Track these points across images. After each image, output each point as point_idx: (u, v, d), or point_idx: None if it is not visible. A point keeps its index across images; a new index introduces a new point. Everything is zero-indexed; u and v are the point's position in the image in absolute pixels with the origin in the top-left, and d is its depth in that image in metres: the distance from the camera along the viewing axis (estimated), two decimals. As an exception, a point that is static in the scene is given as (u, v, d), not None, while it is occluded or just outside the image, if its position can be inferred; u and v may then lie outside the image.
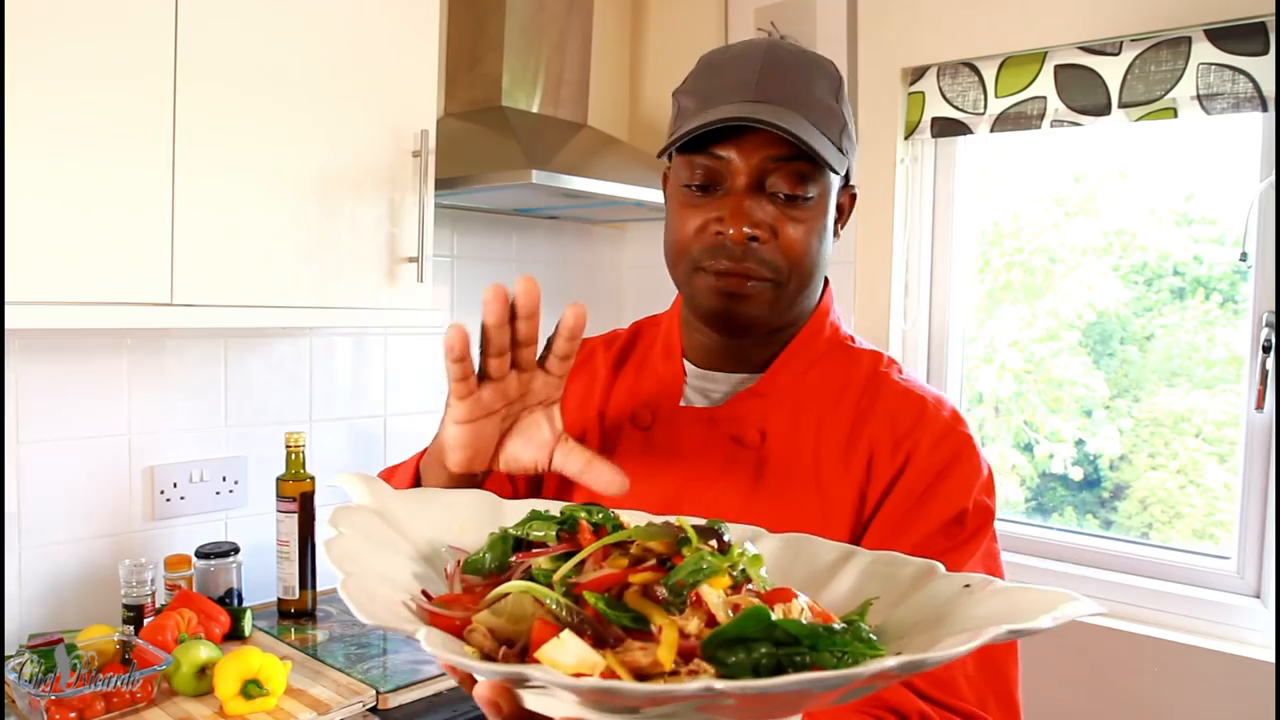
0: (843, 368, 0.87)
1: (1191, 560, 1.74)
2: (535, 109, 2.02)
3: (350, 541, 0.54)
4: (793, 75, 0.79)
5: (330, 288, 1.55)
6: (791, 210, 0.80)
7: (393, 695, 1.44)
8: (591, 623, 0.46)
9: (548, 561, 0.53)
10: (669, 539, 0.51)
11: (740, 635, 0.44)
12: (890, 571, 0.58)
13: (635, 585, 0.49)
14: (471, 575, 0.56)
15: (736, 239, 0.78)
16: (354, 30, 1.55)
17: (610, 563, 0.51)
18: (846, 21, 2.02)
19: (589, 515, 0.56)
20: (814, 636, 0.44)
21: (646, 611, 0.47)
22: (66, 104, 1.24)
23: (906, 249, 2.03)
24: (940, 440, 0.82)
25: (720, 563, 0.49)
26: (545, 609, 0.48)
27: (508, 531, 0.58)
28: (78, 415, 1.60)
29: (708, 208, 0.80)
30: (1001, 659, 0.78)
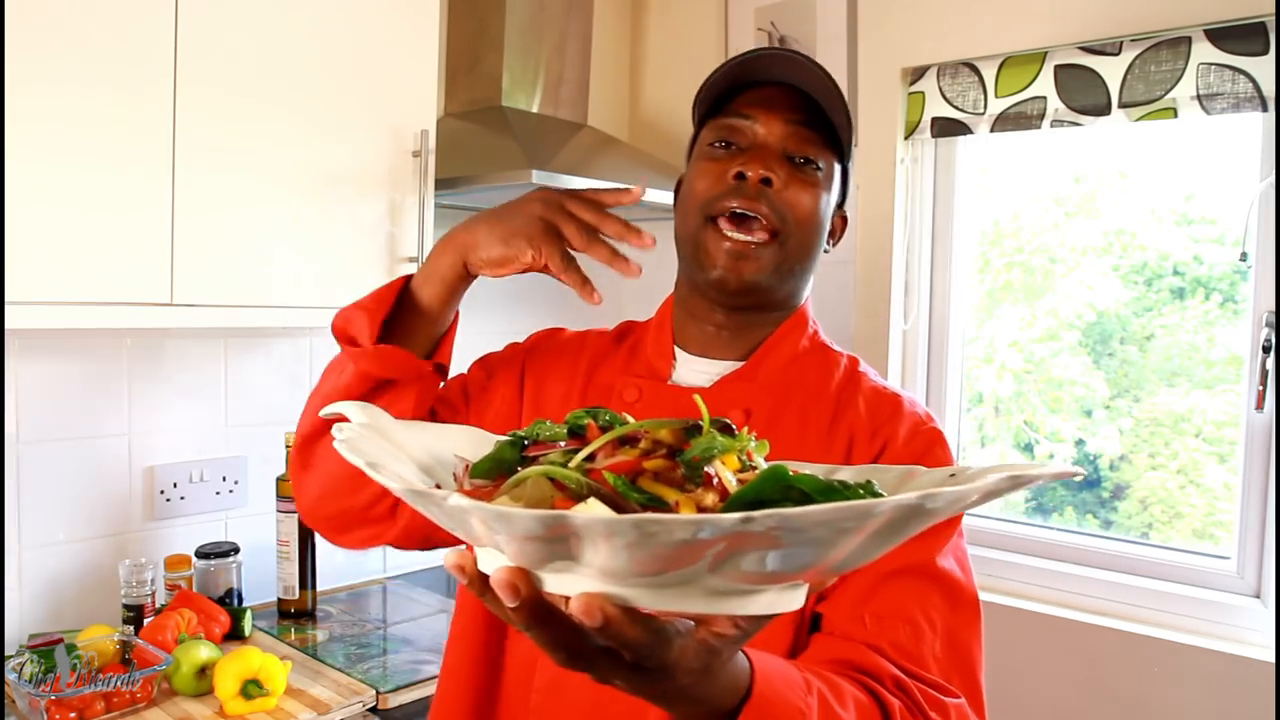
0: (823, 365, 0.92)
1: (1191, 560, 1.74)
2: (535, 109, 2.02)
3: (362, 442, 0.55)
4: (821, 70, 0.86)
5: (330, 288, 1.55)
6: (801, 174, 0.85)
7: (393, 695, 1.45)
8: (611, 498, 0.47)
9: (559, 455, 0.53)
10: (678, 429, 0.52)
11: (759, 497, 0.45)
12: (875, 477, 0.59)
13: (648, 471, 0.49)
14: (480, 478, 0.56)
15: (752, 180, 0.83)
16: (354, 31, 1.55)
17: (622, 454, 0.52)
18: (846, 21, 2.02)
19: (595, 418, 0.57)
20: (830, 492, 0.45)
21: (661, 493, 0.48)
22: (66, 104, 1.24)
23: (906, 249, 2.03)
24: (914, 433, 0.86)
25: (732, 443, 0.51)
26: (565, 490, 0.48)
27: (516, 434, 0.57)
28: (78, 415, 1.60)
29: (729, 162, 0.86)
30: (966, 642, 0.81)
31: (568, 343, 1.02)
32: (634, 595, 0.45)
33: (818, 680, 0.67)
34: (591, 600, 0.44)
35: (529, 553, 0.45)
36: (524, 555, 0.45)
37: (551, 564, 0.45)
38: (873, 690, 0.71)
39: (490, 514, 0.42)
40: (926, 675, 0.76)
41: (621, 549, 0.41)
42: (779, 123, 0.85)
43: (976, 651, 0.82)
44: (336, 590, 1.93)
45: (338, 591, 1.93)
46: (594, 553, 0.42)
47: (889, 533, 0.44)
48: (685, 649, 0.50)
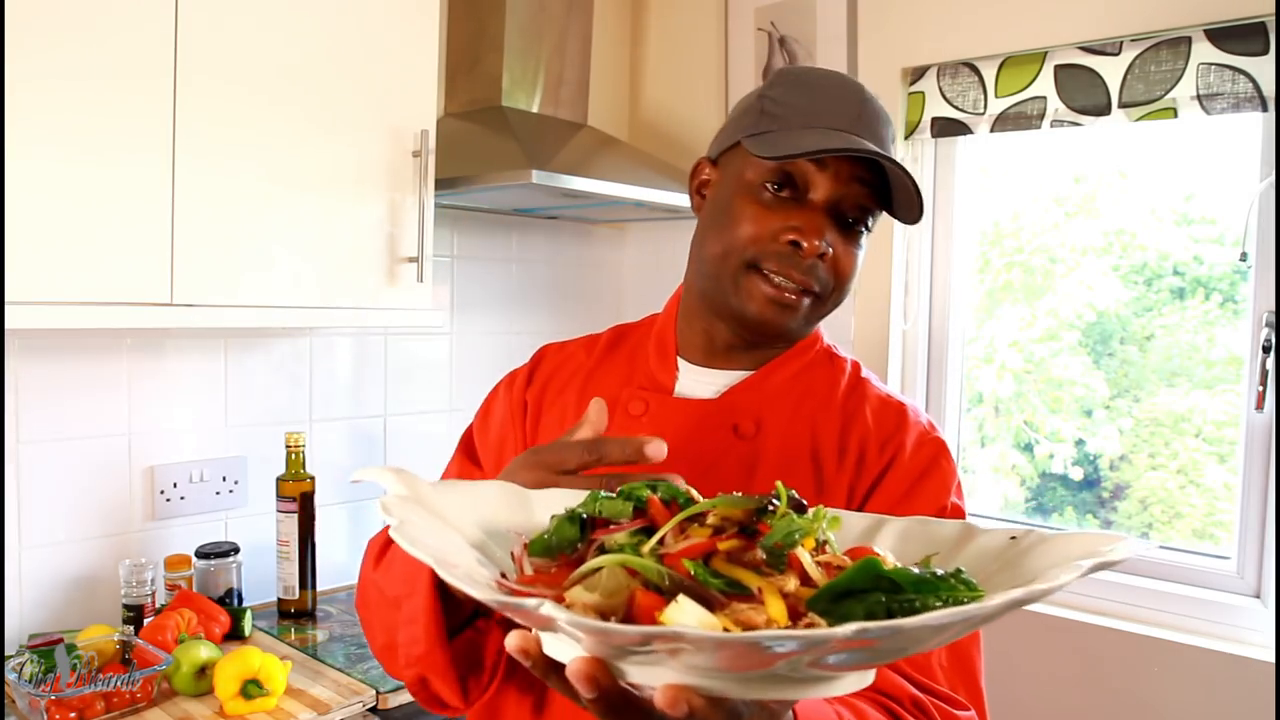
0: (830, 373, 0.92)
1: (1191, 560, 1.74)
2: (535, 109, 2.02)
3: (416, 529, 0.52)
4: (883, 124, 0.84)
5: (330, 288, 1.55)
6: (851, 235, 0.84)
7: (392, 695, 1.45)
8: (693, 588, 0.46)
9: (625, 537, 0.52)
10: (749, 508, 0.52)
11: (850, 588, 0.45)
12: (927, 533, 0.59)
13: (722, 552, 0.49)
14: (538, 557, 0.55)
15: (811, 252, 0.81)
16: (354, 30, 1.55)
17: (692, 533, 0.51)
18: (846, 21, 2.02)
19: (655, 490, 0.56)
20: (920, 583, 0.45)
21: (740, 576, 0.48)
22: (66, 105, 1.24)
23: (906, 249, 2.03)
24: (921, 444, 0.87)
25: (810, 524, 0.51)
26: (641, 579, 0.47)
27: (575, 511, 0.56)
28: (78, 415, 1.60)
29: (783, 213, 0.82)
30: (968, 649, 0.82)
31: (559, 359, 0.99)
32: (720, 687, 0.45)
33: (846, 710, 0.68)
34: (679, 694, 0.44)
35: (612, 650, 0.44)
36: (605, 650, 0.45)
37: (634, 658, 0.45)
38: (894, 712, 0.73)
39: (592, 629, 0.41)
40: (939, 689, 0.77)
41: (727, 658, 0.41)
42: (844, 178, 0.81)
43: (977, 656, 0.83)
44: (336, 590, 1.93)
45: (338, 591, 1.93)
46: (693, 658, 0.42)
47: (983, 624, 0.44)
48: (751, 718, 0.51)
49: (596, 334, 1.03)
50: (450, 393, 2.15)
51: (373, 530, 2.19)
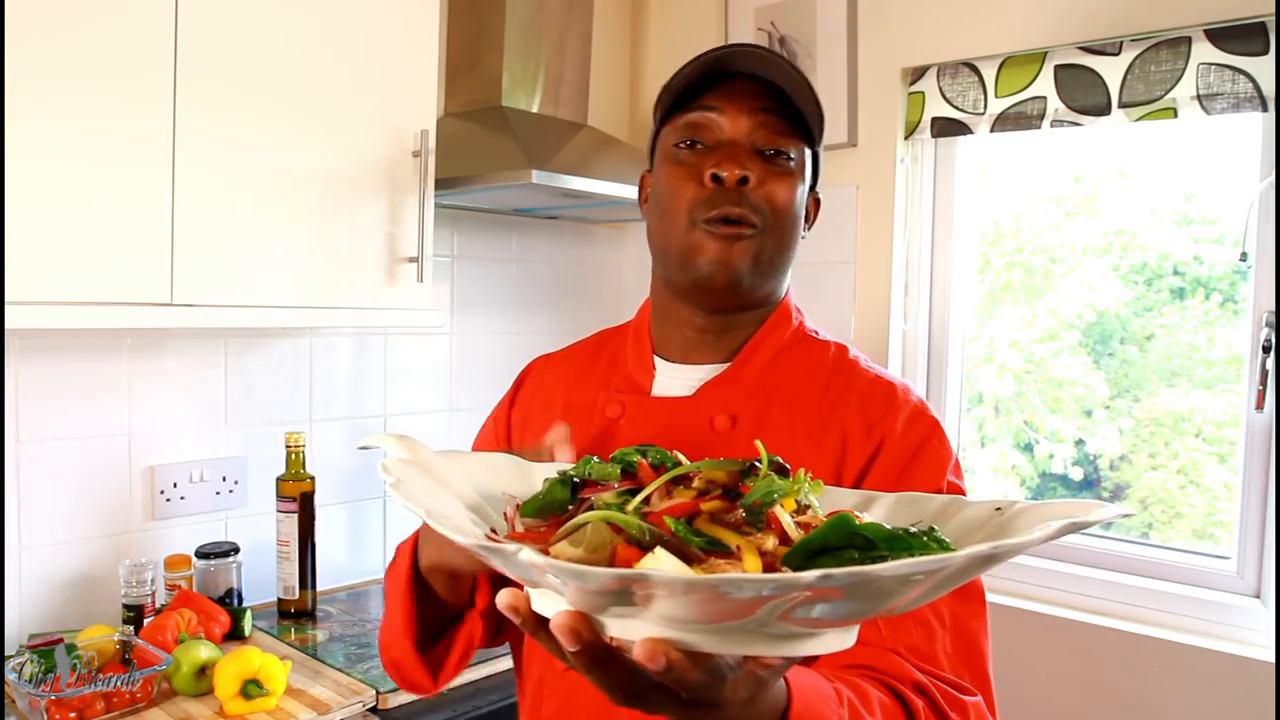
0: (809, 356, 0.90)
1: (1191, 560, 1.74)
2: (535, 109, 2.02)
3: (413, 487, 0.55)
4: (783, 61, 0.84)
5: (330, 288, 1.55)
6: (773, 166, 0.84)
7: (392, 695, 1.44)
8: (673, 544, 0.47)
9: (612, 497, 0.54)
10: (732, 470, 0.53)
11: (824, 544, 0.46)
12: (916, 507, 0.60)
13: (705, 513, 0.50)
14: (530, 518, 0.57)
15: (731, 180, 0.82)
16: (354, 30, 1.55)
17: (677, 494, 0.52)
18: (846, 21, 2.02)
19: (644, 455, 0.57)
20: (893, 540, 0.46)
21: (720, 535, 0.49)
22: (66, 104, 1.24)
23: (906, 249, 2.03)
24: (912, 424, 0.85)
25: (790, 486, 0.52)
26: (625, 535, 0.48)
27: (566, 474, 0.58)
28: (78, 415, 1.60)
29: (700, 163, 0.84)
30: (975, 635, 0.81)
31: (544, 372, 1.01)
32: (697, 640, 0.46)
33: (846, 689, 0.68)
34: (656, 646, 0.45)
35: (593, 601, 0.45)
36: (586, 602, 0.46)
37: (614, 609, 0.46)
38: (897, 692, 0.72)
39: (564, 570, 0.42)
40: (944, 675, 0.76)
41: (695, 603, 0.42)
42: (746, 115, 0.83)
43: (984, 641, 0.82)
44: (336, 590, 1.93)
45: (338, 591, 1.93)
46: (664, 605, 0.43)
47: (953, 580, 0.45)
48: (736, 683, 0.51)
49: (580, 342, 1.03)
50: (450, 393, 2.15)
51: (373, 530, 2.19)
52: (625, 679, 0.49)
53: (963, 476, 0.86)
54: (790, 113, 0.84)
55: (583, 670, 0.49)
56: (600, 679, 0.49)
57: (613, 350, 0.97)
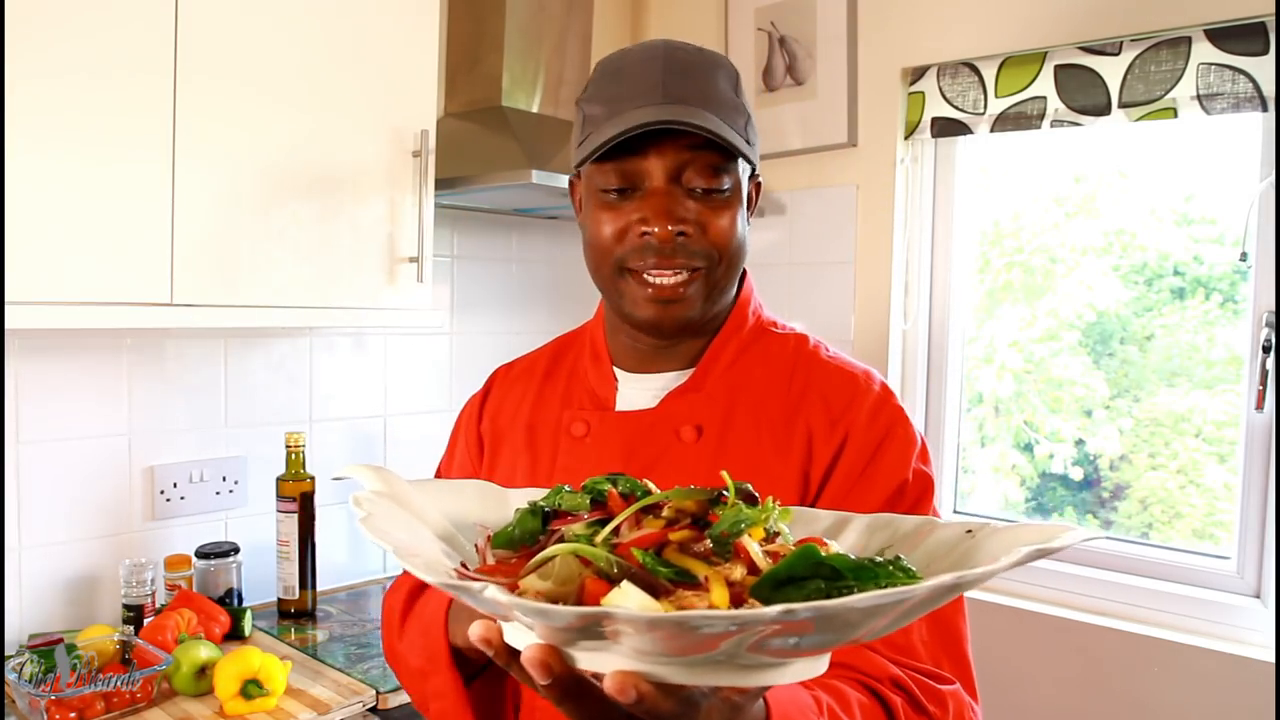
0: (770, 353, 0.89)
1: (1191, 560, 1.74)
2: (535, 109, 2.02)
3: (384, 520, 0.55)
4: (695, 74, 0.81)
5: (330, 288, 1.55)
6: (710, 202, 0.82)
7: (392, 695, 1.45)
8: (641, 576, 0.47)
9: (582, 528, 0.54)
10: (701, 499, 0.53)
11: (790, 575, 0.46)
12: (889, 530, 0.60)
13: (674, 543, 0.50)
14: (501, 549, 0.57)
15: (663, 236, 0.80)
16: (354, 30, 1.55)
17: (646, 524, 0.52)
18: (846, 21, 2.02)
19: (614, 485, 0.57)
20: (859, 570, 0.46)
21: (689, 565, 0.48)
22: (67, 105, 1.24)
23: (906, 249, 2.03)
24: (875, 415, 0.84)
25: (758, 515, 0.51)
26: (593, 568, 0.48)
27: (536, 504, 0.58)
28: (78, 415, 1.60)
29: (628, 209, 0.82)
30: (951, 619, 0.81)
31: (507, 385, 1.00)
32: (666, 673, 0.46)
33: (825, 695, 0.68)
34: (625, 679, 0.45)
35: (563, 635, 0.45)
36: (556, 637, 0.46)
37: (584, 643, 0.46)
38: (874, 690, 0.72)
39: (529, 610, 0.42)
40: (921, 665, 0.76)
41: (661, 639, 0.42)
42: (671, 157, 0.79)
43: (961, 625, 0.82)
44: (336, 590, 1.93)
45: (338, 591, 1.93)
46: (633, 640, 0.43)
47: (919, 609, 0.45)
48: (710, 710, 0.51)
49: (539, 349, 1.02)
50: (450, 393, 2.15)
51: (373, 530, 2.17)
52: (598, 711, 0.49)
53: (929, 461, 0.85)
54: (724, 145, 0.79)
55: (555, 702, 0.49)
56: (572, 711, 0.49)
57: (571, 362, 0.96)
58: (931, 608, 0.45)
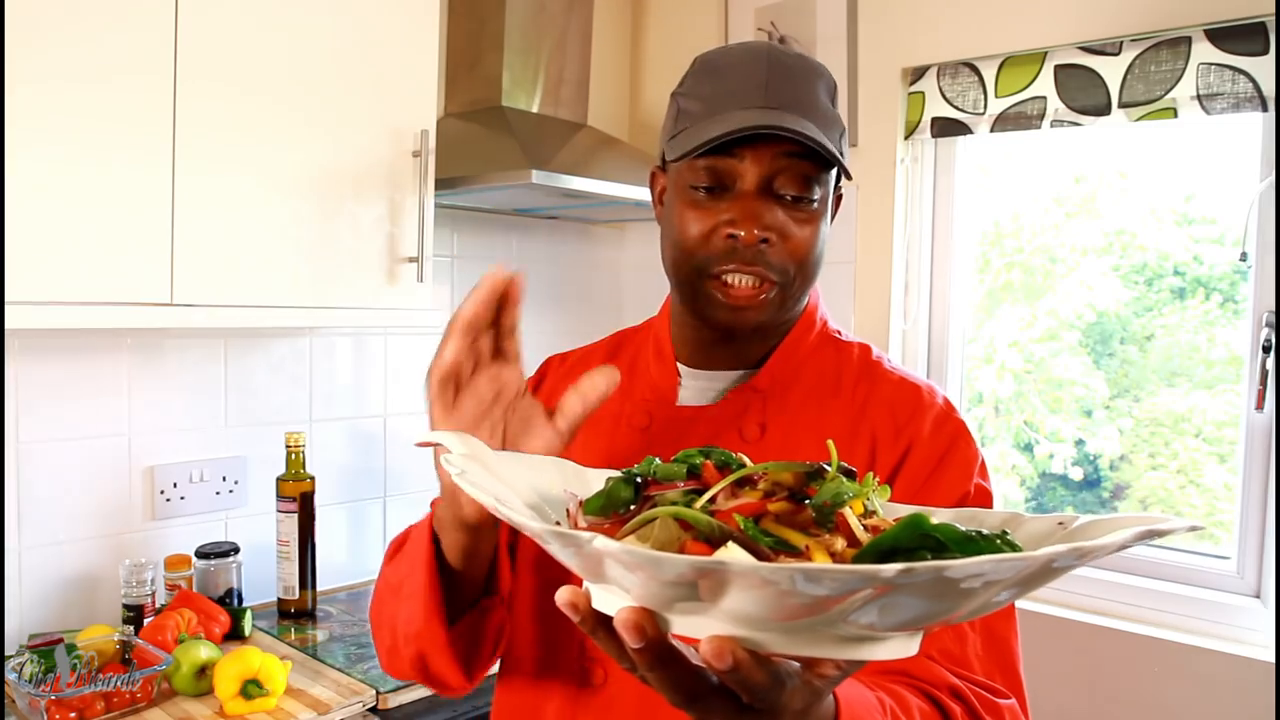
0: (835, 360, 0.89)
1: (1191, 560, 1.74)
2: (535, 109, 2.02)
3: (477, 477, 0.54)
4: (798, 81, 0.80)
5: (330, 288, 1.55)
6: (797, 213, 0.81)
7: (392, 695, 1.45)
8: (744, 540, 0.47)
9: (679, 496, 0.53)
10: (799, 472, 0.52)
11: (895, 545, 0.45)
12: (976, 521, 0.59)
13: (771, 514, 0.50)
14: (593, 515, 0.56)
15: (749, 241, 0.79)
16: (354, 30, 1.55)
17: (744, 495, 0.52)
18: (846, 21, 2.02)
19: (709, 456, 0.57)
20: (967, 542, 0.44)
21: (788, 536, 0.48)
22: (67, 105, 1.24)
23: (906, 249, 2.03)
24: (939, 427, 0.84)
25: (859, 489, 0.51)
26: (694, 532, 0.48)
27: (630, 472, 0.57)
28: (78, 415, 1.60)
29: (717, 210, 0.80)
30: (1005, 635, 0.80)
31: (562, 373, 0.99)
32: (765, 639, 0.45)
33: (888, 698, 0.67)
34: (724, 644, 0.44)
35: (660, 595, 0.44)
36: (654, 597, 0.45)
37: (679, 605, 0.45)
38: (934, 698, 0.72)
39: (642, 557, 0.41)
40: (977, 678, 0.76)
41: (768, 597, 0.41)
42: (766, 160, 0.78)
43: (1014, 642, 0.81)
44: (336, 590, 1.93)
45: (338, 591, 1.93)
46: (734, 599, 0.42)
47: (1024, 585, 0.44)
48: (794, 692, 0.50)
49: (597, 342, 1.02)
50: (450, 393, 2.15)
51: (373, 530, 2.19)
52: (687, 680, 0.48)
53: (989, 478, 0.85)
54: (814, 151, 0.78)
55: (644, 669, 0.47)
56: (661, 679, 0.48)
57: (631, 355, 0.96)
58: (1042, 583, 0.44)
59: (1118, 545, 0.44)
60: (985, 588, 0.42)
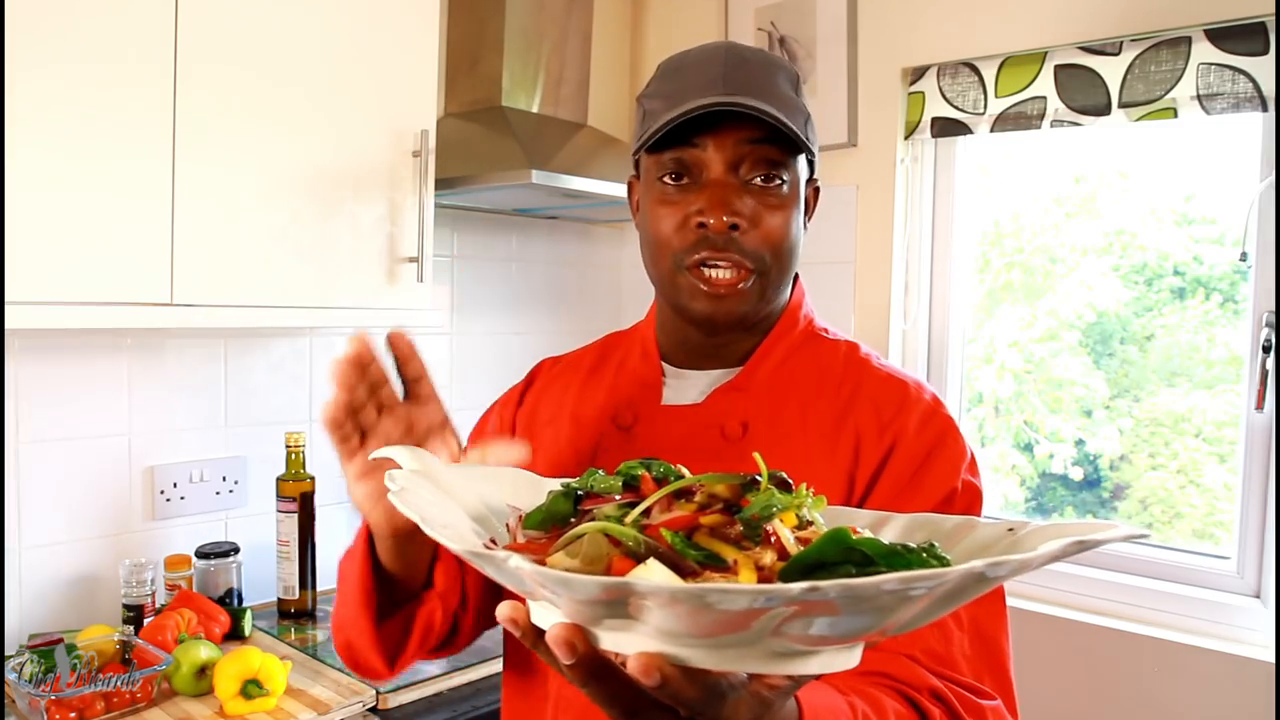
0: (820, 356, 0.89)
1: (1191, 560, 1.74)
2: (535, 109, 2.02)
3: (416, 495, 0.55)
4: (755, 70, 0.81)
5: (330, 288, 1.55)
6: (766, 198, 0.81)
7: (392, 695, 1.45)
8: (669, 556, 0.47)
9: (614, 509, 0.53)
10: (734, 484, 0.52)
11: (820, 559, 0.45)
12: (931, 527, 0.59)
13: (705, 527, 0.49)
14: (533, 529, 0.56)
15: (718, 228, 0.79)
16: (354, 30, 1.55)
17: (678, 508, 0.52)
18: (846, 21, 2.02)
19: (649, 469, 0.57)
20: (891, 556, 0.45)
21: (718, 549, 0.48)
22: (67, 106, 1.24)
23: (906, 249, 2.03)
24: (925, 423, 0.83)
25: (790, 500, 0.51)
26: (622, 547, 0.48)
27: (570, 486, 0.57)
28: (78, 415, 1.60)
29: (685, 201, 0.82)
30: (994, 634, 0.79)
31: (553, 376, 1.00)
32: (691, 655, 0.45)
33: (861, 701, 0.67)
34: (650, 660, 0.44)
35: (587, 612, 0.45)
36: (581, 614, 0.46)
37: (608, 621, 0.45)
38: (912, 699, 0.72)
39: (551, 578, 0.42)
40: (961, 679, 0.75)
41: (684, 615, 0.41)
42: (729, 146, 0.79)
43: (1004, 642, 0.80)
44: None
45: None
46: (655, 616, 0.42)
47: (951, 598, 0.44)
48: (739, 704, 0.50)
49: (587, 346, 1.03)
50: (450, 393, 2.14)
51: (373, 530, 2.16)
52: (624, 694, 0.48)
53: (979, 473, 0.84)
54: (779, 133, 0.79)
55: (579, 684, 0.48)
56: (597, 693, 0.48)
57: (620, 357, 0.96)
58: (966, 599, 0.44)
59: (1041, 559, 0.43)
60: (903, 602, 0.42)
